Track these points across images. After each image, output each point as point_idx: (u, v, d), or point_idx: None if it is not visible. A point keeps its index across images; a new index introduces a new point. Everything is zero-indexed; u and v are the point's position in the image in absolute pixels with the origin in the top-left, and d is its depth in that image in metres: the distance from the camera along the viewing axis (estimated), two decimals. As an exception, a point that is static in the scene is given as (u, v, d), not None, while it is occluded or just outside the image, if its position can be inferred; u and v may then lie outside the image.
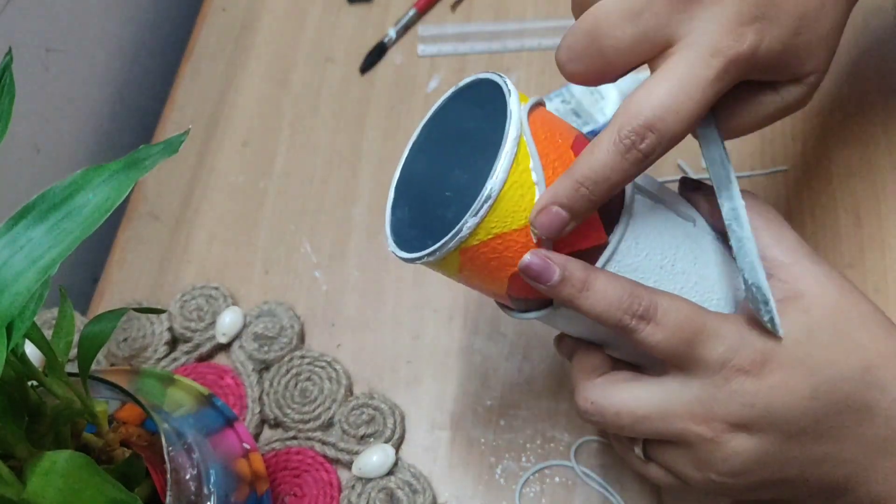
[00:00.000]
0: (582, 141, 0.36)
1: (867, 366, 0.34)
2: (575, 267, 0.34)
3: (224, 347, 0.55)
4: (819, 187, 0.55)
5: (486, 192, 0.33)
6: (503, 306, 0.40)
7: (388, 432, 0.50)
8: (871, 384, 0.34)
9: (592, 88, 0.59)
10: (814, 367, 0.34)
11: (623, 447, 0.39)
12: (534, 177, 0.34)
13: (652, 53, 0.34)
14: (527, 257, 0.34)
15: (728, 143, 0.38)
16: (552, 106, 0.55)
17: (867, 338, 0.35)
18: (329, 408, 0.51)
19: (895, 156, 0.56)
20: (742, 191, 0.36)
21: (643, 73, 0.35)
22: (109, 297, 0.58)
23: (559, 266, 0.34)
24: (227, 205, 0.61)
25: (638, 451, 0.38)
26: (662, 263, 0.36)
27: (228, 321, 0.54)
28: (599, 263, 0.35)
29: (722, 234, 0.38)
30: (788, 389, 0.34)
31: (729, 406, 0.34)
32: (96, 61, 0.67)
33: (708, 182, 0.38)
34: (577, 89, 0.59)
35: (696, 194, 0.39)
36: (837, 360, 0.34)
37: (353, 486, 0.48)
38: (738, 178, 0.51)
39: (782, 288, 0.35)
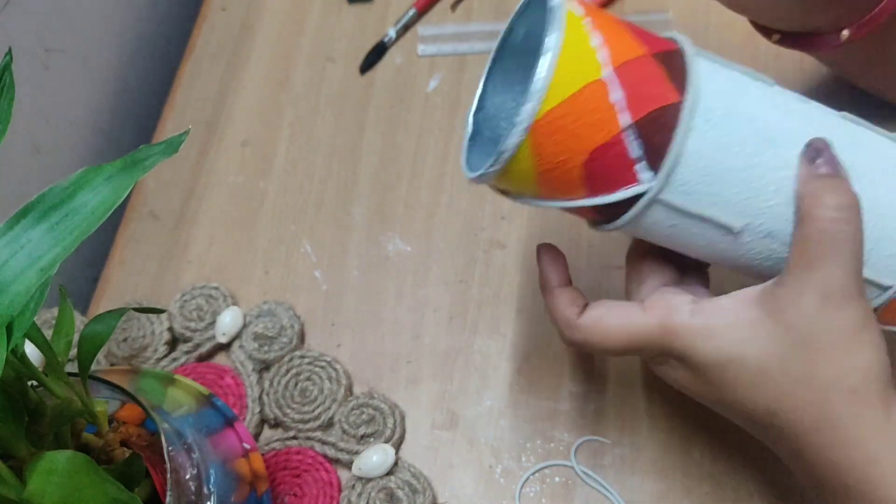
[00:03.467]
0: (622, 21, 0.35)
1: (774, 412, 0.35)
2: (541, 279, 0.40)
3: (224, 347, 0.55)
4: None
5: (544, 52, 0.32)
6: (591, 220, 0.38)
7: (388, 432, 0.50)
8: (776, 426, 0.36)
9: None
10: (719, 387, 0.36)
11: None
12: (587, 28, 0.33)
13: None
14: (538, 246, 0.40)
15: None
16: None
17: (789, 393, 0.35)
18: (329, 407, 0.51)
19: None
20: (843, 189, 0.35)
21: None
22: (109, 296, 0.58)
23: (539, 267, 0.40)
24: (227, 205, 0.61)
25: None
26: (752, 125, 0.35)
27: (228, 321, 0.54)
28: (681, 126, 0.34)
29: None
30: (696, 388, 0.37)
31: (655, 370, 0.39)
32: (96, 61, 0.67)
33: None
34: None
35: (805, 168, 0.36)
36: (744, 395, 0.36)
37: (353, 486, 0.48)
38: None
39: (769, 301, 0.35)
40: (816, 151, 0.35)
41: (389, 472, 0.49)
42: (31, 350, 0.35)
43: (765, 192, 0.35)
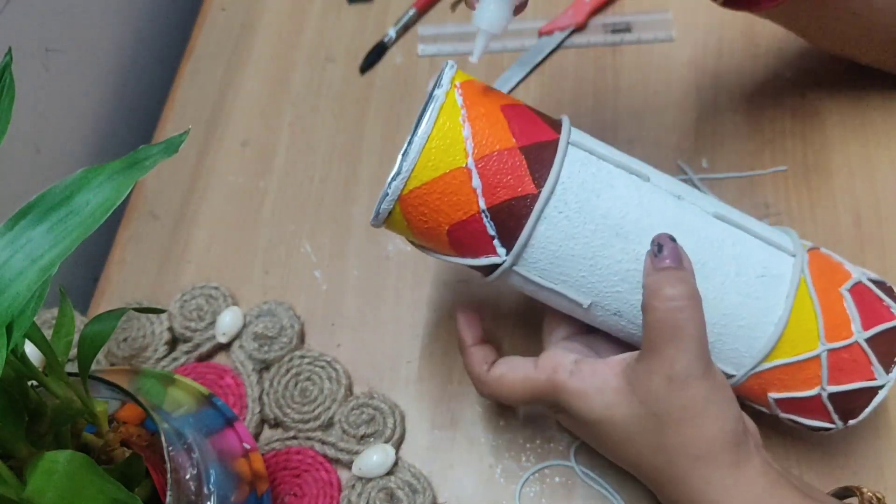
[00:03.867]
0: (513, 107, 0.40)
1: (638, 466, 0.41)
2: (459, 339, 0.46)
3: (224, 347, 0.55)
4: (819, 187, 0.55)
5: (416, 134, 0.37)
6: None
7: (388, 432, 0.50)
8: (642, 475, 0.42)
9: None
10: (596, 438, 0.42)
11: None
12: (461, 120, 0.38)
13: None
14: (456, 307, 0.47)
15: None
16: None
17: (648, 455, 0.40)
18: (329, 407, 0.51)
19: (894, 155, 0.56)
20: (681, 278, 0.38)
21: None
22: (109, 296, 0.58)
23: (457, 328, 0.46)
24: (227, 205, 0.61)
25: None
26: (604, 219, 0.39)
27: (228, 321, 0.54)
28: (532, 216, 0.38)
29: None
30: (583, 435, 0.44)
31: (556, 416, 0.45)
32: (96, 61, 0.67)
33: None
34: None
35: (647, 260, 0.41)
36: (615, 449, 0.42)
37: (353, 486, 0.48)
38: (739, 177, 0.52)
39: (618, 379, 0.40)
40: (660, 247, 0.39)
41: (389, 472, 0.49)
42: (31, 350, 0.35)
43: (610, 280, 0.40)
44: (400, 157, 0.39)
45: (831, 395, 0.40)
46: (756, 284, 0.40)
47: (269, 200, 0.61)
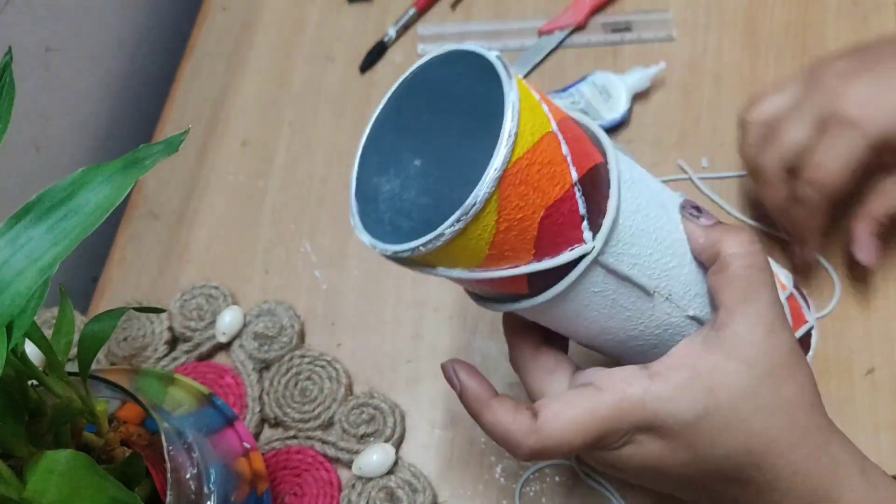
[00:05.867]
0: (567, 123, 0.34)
1: (749, 449, 0.35)
2: (467, 398, 0.37)
3: (224, 347, 0.55)
4: (819, 187, 0.55)
5: (509, 95, 0.30)
6: (509, 295, 0.36)
7: (388, 431, 0.50)
8: (749, 464, 0.35)
9: (601, 88, 0.59)
10: (694, 445, 0.35)
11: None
12: (525, 83, 0.32)
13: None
14: (443, 365, 0.39)
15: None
16: (561, 103, 0.52)
17: (763, 426, 0.35)
18: (329, 407, 0.51)
19: (895, 155, 0.56)
20: (737, 228, 0.36)
21: (651, 68, 0.35)
22: (109, 296, 0.58)
23: (460, 384, 0.37)
24: (227, 204, 0.61)
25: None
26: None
27: (228, 320, 0.54)
28: (613, 185, 0.34)
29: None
30: (664, 457, 0.35)
31: (610, 459, 0.36)
32: (96, 61, 0.67)
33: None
34: (586, 89, 0.59)
35: (693, 225, 0.38)
36: (720, 442, 0.35)
37: (353, 486, 0.48)
38: (739, 177, 0.51)
39: (707, 356, 0.35)
40: (696, 209, 0.37)
41: (389, 472, 0.49)
42: (31, 349, 0.35)
43: (666, 254, 0.36)
44: (353, 187, 0.34)
45: None
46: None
47: (269, 200, 0.61)
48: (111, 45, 0.69)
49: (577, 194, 0.32)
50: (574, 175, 0.32)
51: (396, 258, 0.33)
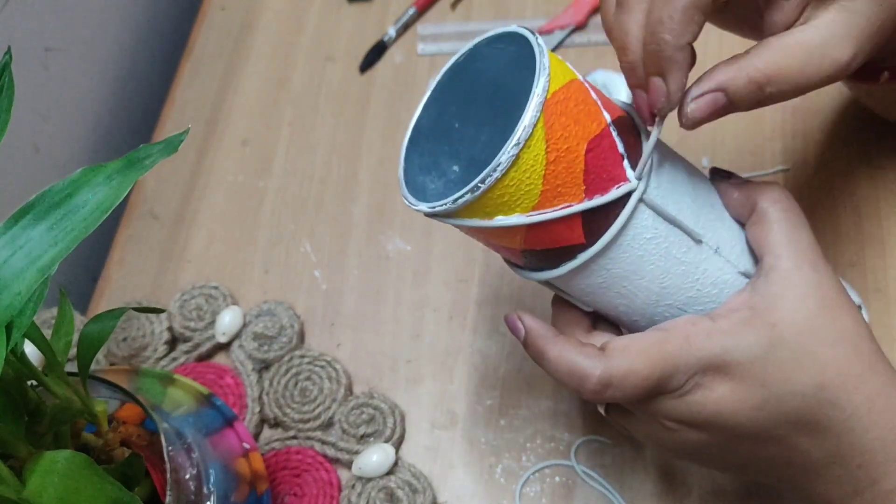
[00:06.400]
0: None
1: (822, 384, 0.34)
2: (533, 337, 0.37)
3: (224, 347, 0.55)
4: (820, 187, 0.55)
5: (537, 45, 0.33)
6: (513, 265, 0.39)
7: (387, 432, 0.50)
8: (825, 401, 0.34)
9: (602, 87, 0.59)
10: (766, 382, 0.35)
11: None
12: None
13: None
14: (506, 316, 0.38)
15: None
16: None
17: (831, 356, 0.35)
18: (329, 407, 0.51)
19: None
20: (769, 183, 0.37)
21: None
22: (109, 296, 0.58)
23: (525, 327, 0.37)
24: (227, 204, 0.61)
25: (601, 408, 0.40)
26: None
27: (228, 321, 0.54)
28: (644, 131, 0.36)
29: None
30: (736, 400, 0.35)
31: (680, 410, 0.36)
32: (96, 61, 0.67)
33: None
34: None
35: (725, 184, 0.39)
36: (792, 378, 0.34)
37: (353, 486, 0.48)
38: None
39: (763, 294, 0.36)
40: (727, 172, 0.38)
41: (389, 472, 0.48)
42: (30, 350, 0.35)
43: (705, 206, 0.37)
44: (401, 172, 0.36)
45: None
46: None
47: (269, 200, 0.60)
48: (111, 45, 0.69)
49: (614, 133, 0.34)
50: (607, 117, 0.34)
51: (455, 208, 0.33)
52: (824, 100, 0.58)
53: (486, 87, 0.37)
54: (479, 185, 0.32)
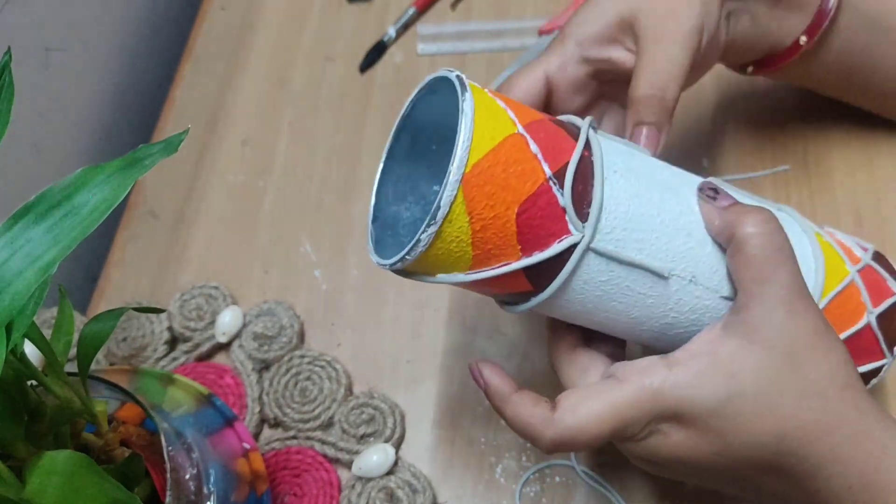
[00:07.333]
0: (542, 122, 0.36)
1: (781, 434, 0.34)
2: (490, 395, 0.38)
3: (224, 347, 0.55)
4: (820, 187, 0.55)
5: (464, 108, 0.33)
6: (516, 295, 0.38)
7: (388, 432, 0.50)
8: (784, 451, 0.34)
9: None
10: (722, 432, 0.34)
11: None
12: (490, 95, 0.35)
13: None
14: (469, 364, 0.39)
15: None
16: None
17: (792, 409, 0.34)
18: (329, 407, 0.51)
19: None
20: (751, 209, 0.36)
21: None
22: (109, 296, 0.58)
23: (484, 382, 0.38)
24: (227, 204, 0.61)
25: None
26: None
27: (228, 320, 0.54)
28: (597, 174, 0.35)
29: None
30: (692, 446, 0.35)
31: (638, 452, 0.36)
32: (96, 61, 0.67)
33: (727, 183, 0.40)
34: None
35: (709, 207, 0.37)
36: (749, 430, 0.34)
37: (353, 486, 0.48)
38: (741, 179, 0.50)
39: (728, 340, 0.35)
40: (713, 191, 0.37)
41: (389, 472, 0.48)
42: (30, 350, 0.35)
43: (679, 236, 0.36)
44: (371, 212, 0.37)
45: None
46: None
47: (269, 200, 0.61)
48: (111, 45, 0.69)
49: (554, 188, 0.34)
50: (547, 170, 0.34)
51: (396, 270, 0.35)
52: (824, 101, 0.58)
53: (430, 133, 0.38)
54: (407, 256, 0.33)
